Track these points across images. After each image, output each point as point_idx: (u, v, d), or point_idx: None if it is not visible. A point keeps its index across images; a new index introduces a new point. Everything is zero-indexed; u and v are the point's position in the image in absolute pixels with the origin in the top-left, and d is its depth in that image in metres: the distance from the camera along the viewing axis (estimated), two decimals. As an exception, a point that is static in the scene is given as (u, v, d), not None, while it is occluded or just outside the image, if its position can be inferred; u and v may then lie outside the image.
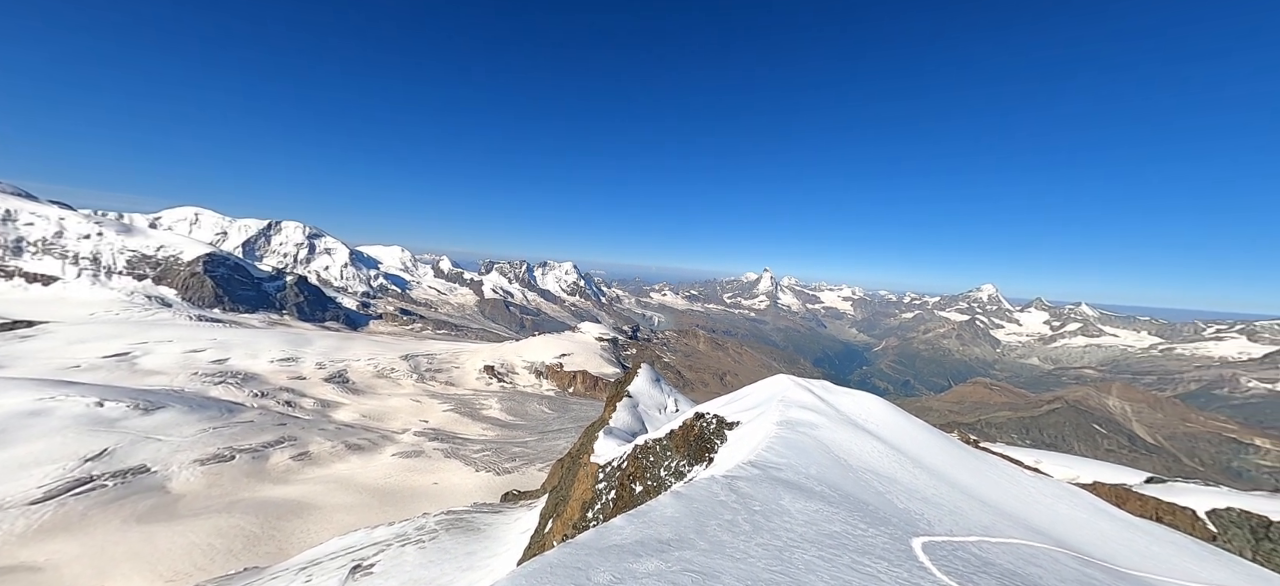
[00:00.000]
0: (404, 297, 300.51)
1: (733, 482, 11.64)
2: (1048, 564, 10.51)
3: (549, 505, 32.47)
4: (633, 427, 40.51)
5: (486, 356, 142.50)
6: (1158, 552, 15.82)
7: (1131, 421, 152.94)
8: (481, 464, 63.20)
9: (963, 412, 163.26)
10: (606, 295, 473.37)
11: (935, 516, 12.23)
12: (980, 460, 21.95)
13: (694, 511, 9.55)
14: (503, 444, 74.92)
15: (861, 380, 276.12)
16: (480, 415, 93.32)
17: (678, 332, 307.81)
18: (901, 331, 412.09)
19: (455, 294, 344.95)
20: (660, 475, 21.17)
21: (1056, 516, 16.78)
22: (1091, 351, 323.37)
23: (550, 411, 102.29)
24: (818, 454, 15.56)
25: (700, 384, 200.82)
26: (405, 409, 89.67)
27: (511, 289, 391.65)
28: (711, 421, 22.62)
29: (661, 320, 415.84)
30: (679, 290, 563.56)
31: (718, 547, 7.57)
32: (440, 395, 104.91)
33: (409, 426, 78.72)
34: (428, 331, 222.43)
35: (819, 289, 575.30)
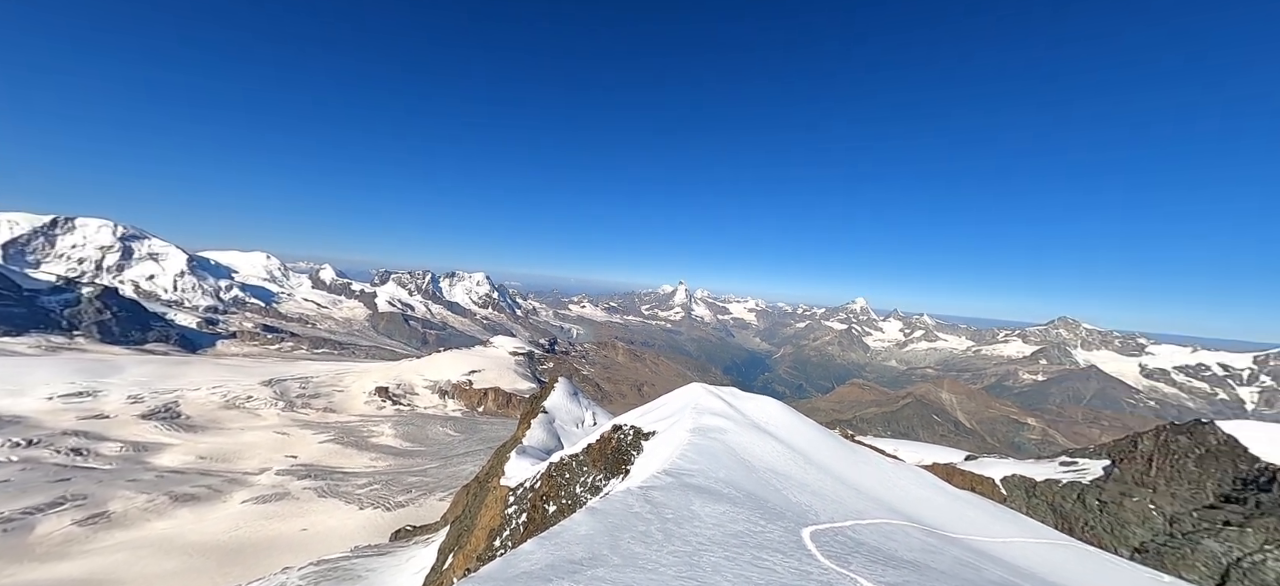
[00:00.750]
0: (269, 312, 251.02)
1: (647, 493, 11.78)
2: (901, 537, 12.51)
3: (450, 537, 29.30)
4: (548, 445, 38.84)
5: (379, 377, 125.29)
6: (972, 517, 19.94)
7: (956, 411, 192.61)
8: (368, 500, 54.81)
9: (843, 411, 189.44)
10: (522, 307, 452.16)
11: (821, 507, 13.79)
12: (855, 452, 25.50)
13: (608, 526, 9.41)
14: (396, 474, 65.93)
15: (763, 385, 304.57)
16: (369, 444, 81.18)
17: (597, 344, 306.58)
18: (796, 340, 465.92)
19: (340, 307, 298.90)
20: (576, 492, 20.55)
21: (908, 495, 20.17)
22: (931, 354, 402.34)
23: (456, 434, 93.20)
24: (726, 458, 16.58)
25: (619, 395, 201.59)
26: (265, 444, 74.14)
27: (413, 302, 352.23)
28: (629, 433, 22.75)
29: (581, 332, 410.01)
30: (598, 302, 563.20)
31: (631, 561, 7.53)
32: (317, 424, 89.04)
33: (270, 465, 65.17)
34: (302, 350, 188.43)
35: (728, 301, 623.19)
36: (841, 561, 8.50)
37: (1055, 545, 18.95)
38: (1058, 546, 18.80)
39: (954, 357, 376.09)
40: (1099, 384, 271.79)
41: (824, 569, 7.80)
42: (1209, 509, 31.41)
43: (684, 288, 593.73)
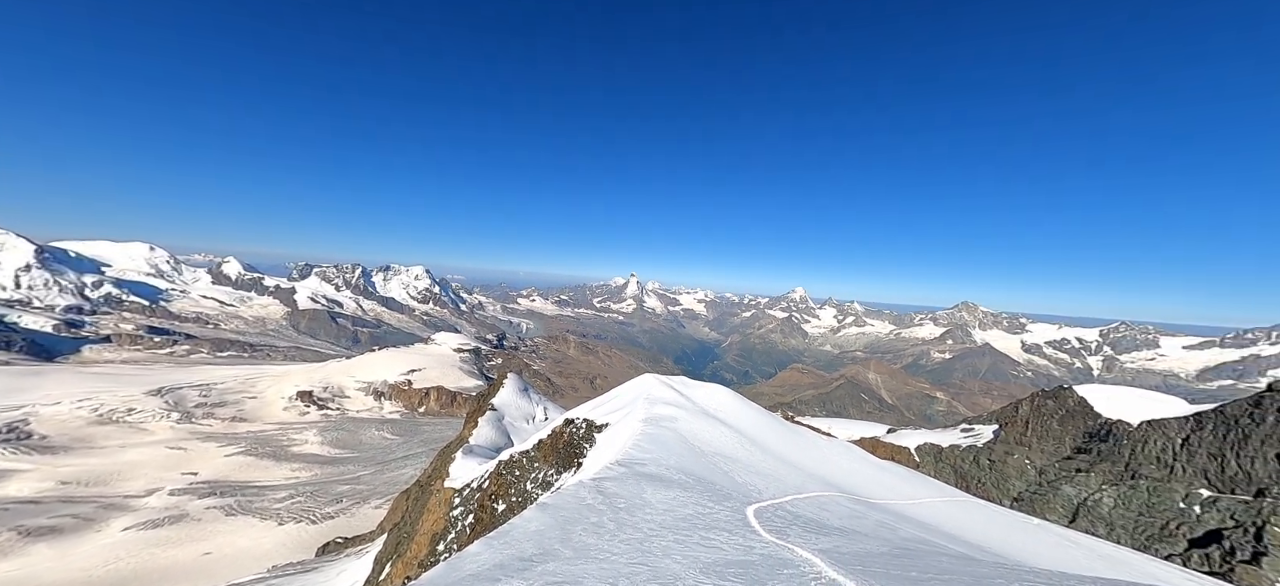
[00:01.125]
0: (156, 312, 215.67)
1: (600, 484, 11.84)
2: (832, 507, 13.75)
3: (387, 546, 27.45)
4: (497, 443, 37.56)
5: (301, 380, 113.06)
6: (891, 483, 22.42)
7: (880, 389, 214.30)
8: (289, 514, 49.64)
9: (784, 394, 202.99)
10: (467, 302, 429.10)
11: (764, 485, 14.73)
12: (795, 433, 27.49)
13: (560, 520, 9.34)
14: (323, 485, 60.19)
15: (712, 373, 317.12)
16: (290, 454, 73.21)
17: (548, 339, 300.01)
18: (742, 328, 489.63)
19: (251, 305, 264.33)
20: (527, 489, 20.13)
21: (840, 469, 22.18)
22: (860, 338, 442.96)
23: (394, 437, 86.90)
24: (677, 445, 17.11)
25: (571, 389, 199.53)
26: (154, 462, 64.20)
27: (341, 298, 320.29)
28: (581, 426, 22.64)
29: (531, 327, 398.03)
30: (548, 295, 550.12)
31: (583, 553, 7.55)
32: (223, 436, 78.53)
33: (160, 485, 56.60)
34: (202, 354, 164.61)
35: (679, 292, 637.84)
36: (781, 534, 9.15)
37: (954, 501, 21.83)
38: (956, 502, 21.68)
39: (879, 341, 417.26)
40: (991, 359, 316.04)
41: (765, 542, 8.35)
42: (1067, 460, 37.90)
43: (635, 280, 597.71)
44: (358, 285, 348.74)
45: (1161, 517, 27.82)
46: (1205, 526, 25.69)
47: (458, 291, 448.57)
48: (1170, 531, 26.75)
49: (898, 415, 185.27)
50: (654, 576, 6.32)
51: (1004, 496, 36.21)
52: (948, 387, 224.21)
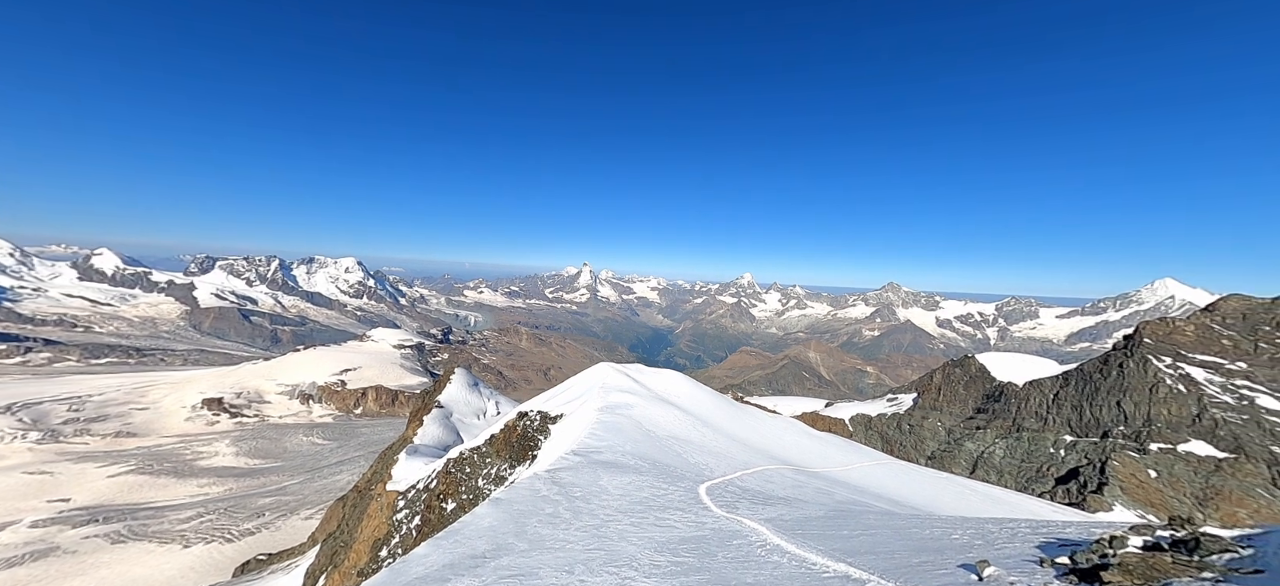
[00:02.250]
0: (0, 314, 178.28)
1: (555, 474, 11.74)
2: (778, 479, 14.76)
3: (321, 558, 25.38)
4: (446, 441, 35.83)
5: (207, 386, 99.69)
6: (830, 453, 24.51)
7: (820, 367, 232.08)
8: (198, 534, 44.14)
9: (734, 376, 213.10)
10: (407, 296, 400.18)
11: (716, 464, 15.44)
12: (744, 412, 29.00)
13: (514, 513, 9.16)
14: (241, 499, 54.02)
15: (667, 359, 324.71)
16: (195, 468, 64.70)
17: (498, 332, 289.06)
18: (694, 315, 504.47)
19: (134, 304, 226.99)
20: (479, 485, 19.47)
21: (784, 443, 23.81)
22: (802, 320, 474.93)
23: (326, 442, 79.77)
24: (632, 431, 17.37)
25: (524, 382, 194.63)
26: (5, 492, 53.76)
27: (254, 293, 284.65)
28: (535, 418, 22.21)
29: (479, 320, 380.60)
30: (498, 287, 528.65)
31: (538, 544, 7.47)
32: (103, 455, 67.47)
33: (17, 517, 47.64)
34: (70, 362, 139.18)
35: (632, 281, 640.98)
36: (730, 508, 9.66)
37: (880, 464, 24.34)
38: (881, 465, 24.18)
39: (819, 322, 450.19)
40: (913, 335, 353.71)
41: (716, 517, 8.78)
42: (969, 420, 43.66)
43: (589, 269, 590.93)
44: (275, 279, 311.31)
45: (1037, 462, 33.11)
46: (1067, 466, 30.98)
47: (396, 284, 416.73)
48: (1043, 472, 31.93)
49: (835, 390, 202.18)
50: (610, 560, 6.42)
51: (920, 456, 41.06)
52: (877, 362, 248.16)
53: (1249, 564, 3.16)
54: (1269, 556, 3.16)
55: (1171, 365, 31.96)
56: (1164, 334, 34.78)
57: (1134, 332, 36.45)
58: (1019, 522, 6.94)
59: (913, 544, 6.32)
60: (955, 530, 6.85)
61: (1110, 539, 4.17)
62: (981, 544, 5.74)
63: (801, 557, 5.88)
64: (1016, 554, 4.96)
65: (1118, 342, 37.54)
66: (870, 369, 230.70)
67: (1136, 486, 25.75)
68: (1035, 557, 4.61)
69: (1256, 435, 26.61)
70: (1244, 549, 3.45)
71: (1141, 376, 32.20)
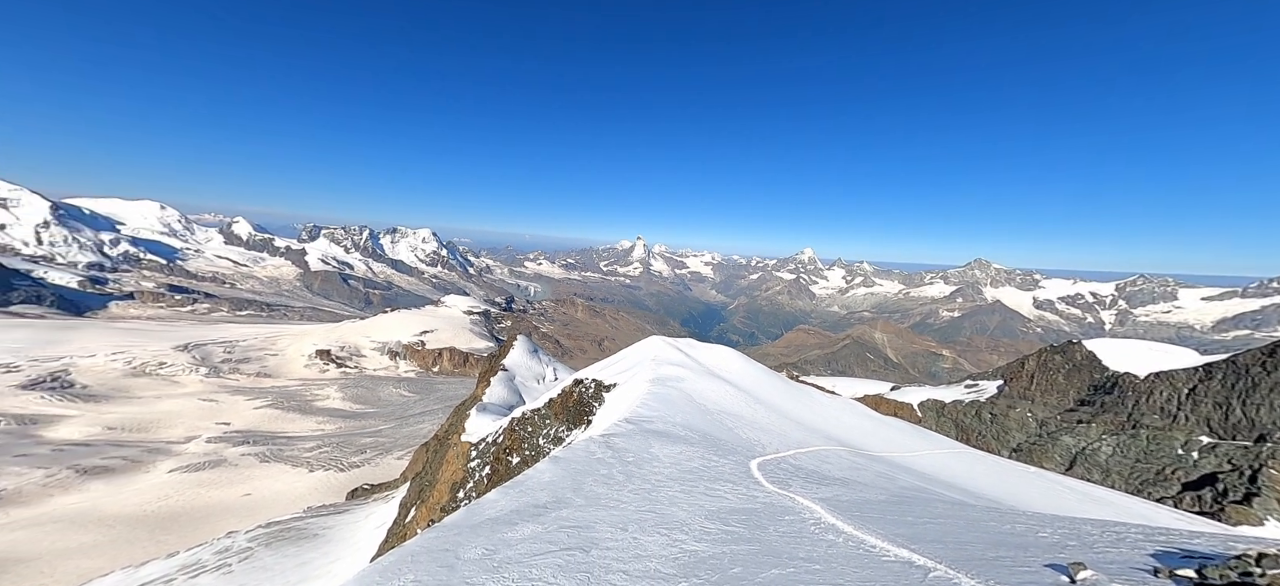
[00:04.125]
0: (173, 270, 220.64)
1: (609, 439, 12.34)
2: (834, 461, 14.23)
3: (412, 493, 29.38)
4: (509, 401, 39.02)
5: (319, 339, 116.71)
6: (893, 438, 23.04)
7: (886, 348, 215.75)
8: (318, 462, 52.95)
9: (790, 355, 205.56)
10: (475, 265, 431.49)
11: (768, 440, 15.22)
12: (799, 391, 28.05)
13: (571, 472, 9.84)
14: (347, 437, 63.74)
15: (719, 335, 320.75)
16: (314, 408, 77.00)
17: (555, 302, 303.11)
18: (749, 291, 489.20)
19: (263, 265, 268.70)
20: (539, 444, 21.09)
21: (841, 424, 22.77)
22: (869, 298, 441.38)
23: (411, 394, 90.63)
24: (683, 404, 17.60)
25: (579, 351, 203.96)
26: (189, 412, 68.07)
27: (351, 259, 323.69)
28: (590, 386, 23.31)
29: (538, 290, 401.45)
30: (555, 259, 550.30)
31: (594, 501, 7.99)
32: (250, 390, 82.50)
33: (198, 433, 60.32)
34: (222, 312, 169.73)
35: (685, 255, 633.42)
36: (783, 484, 9.55)
37: (953, 453, 22.44)
38: (955, 454, 22.29)
39: (888, 301, 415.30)
40: (1001, 316, 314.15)
41: (768, 492, 8.73)
42: (1069, 411, 38.43)
43: (642, 243, 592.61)
44: (367, 247, 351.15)
45: (1158, 463, 28.48)
46: (1201, 471, 26.30)
47: (465, 254, 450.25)
48: (1165, 476, 27.46)
49: (902, 373, 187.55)
50: (661, 522, 6.70)
51: (1003, 447, 37.17)
52: (954, 345, 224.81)
53: None
54: None
55: (1370, 363, 25.35)
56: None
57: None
58: (1127, 526, 6.08)
59: (989, 536, 5.83)
60: (1043, 527, 6.19)
61: (1259, 556, 3.51)
62: (1075, 544, 5.12)
63: (859, 539, 5.69)
64: (1122, 560, 4.37)
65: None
66: (946, 352, 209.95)
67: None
68: (1147, 566, 4.02)
69: None
70: None
71: (1321, 374, 25.97)
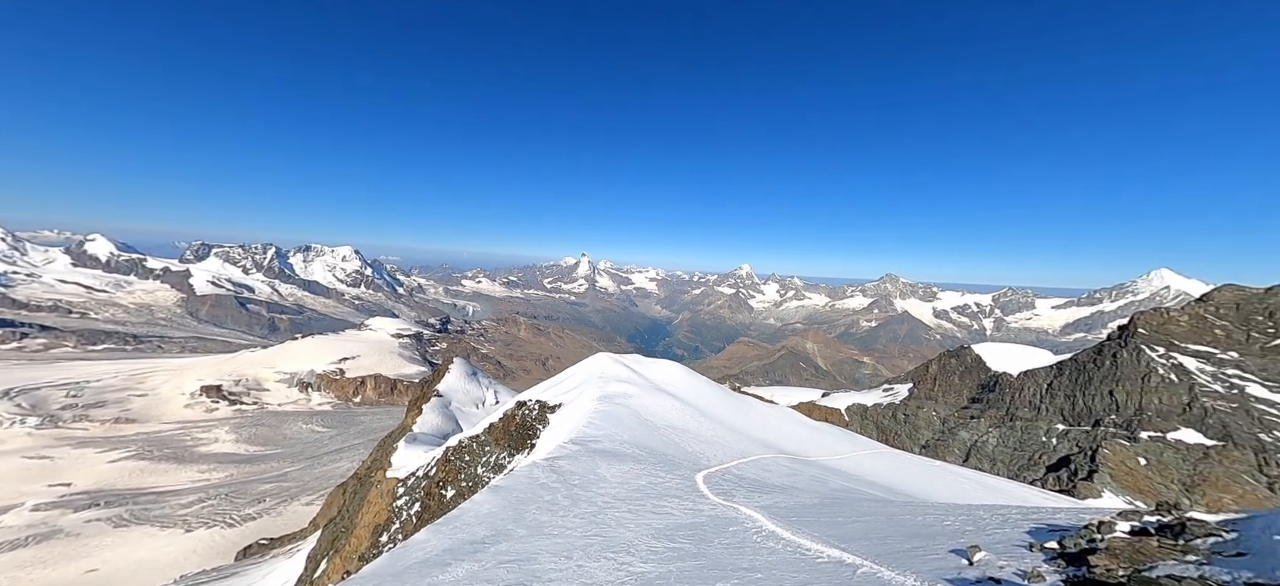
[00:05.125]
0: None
1: (554, 463, 11.85)
2: (774, 468, 14.94)
3: (323, 542, 25.72)
4: (444, 429, 36.08)
5: (206, 373, 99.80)
6: (825, 442, 24.79)
7: (817, 357, 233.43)
8: (200, 519, 44.62)
9: (732, 367, 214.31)
10: (405, 285, 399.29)
11: (712, 452, 15.60)
12: (741, 402, 29.23)
13: (513, 501, 9.26)
14: (241, 485, 54.49)
15: (665, 350, 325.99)
16: (196, 455, 65.09)
17: (496, 321, 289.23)
18: (693, 305, 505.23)
19: (130, 290, 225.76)
20: (478, 473, 19.66)
21: (779, 432, 24.05)
22: (800, 311, 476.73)
23: (326, 429, 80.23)
24: (630, 421, 17.50)
25: (522, 372, 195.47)
26: (9, 475, 54.07)
27: (251, 281, 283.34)
28: (534, 407, 22.34)
29: (477, 309, 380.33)
30: (496, 276, 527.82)
31: (537, 530, 7.57)
32: (103, 440, 67.74)
33: (20, 500, 47.99)
34: (67, 348, 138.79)
35: (631, 271, 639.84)
36: (727, 495, 9.79)
37: (875, 453, 24.64)
38: (876, 454, 24.49)
39: (817, 313, 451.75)
40: (909, 325, 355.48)
41: (713, 504, 8.90)
42: (963, 409, 44.11)
43: (587, 259, 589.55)
44: (272, 268, 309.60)
45: (1030, 450, 33.59)
46: (1059, 454, 31.45)
47: (393, 273, 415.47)
48: (1035, 460, 32.42)
49: (831, 380, 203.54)
50: (608, 546, 6.52)
51: (915, 445, 41.58)
52: (873, 352, 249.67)
53: (1232, 547, 3.23)
54: (1252, 540, 3.23)
55: (1164, 355, 32.31)
56: (1158, 324, 35.06)
57: (1128, 323, 36.72)
58: (1010, 509, 7.07)
59: (905, 530, 6.44)
60: (947, 517, 6.97)
61: (1098, 524, 4.25)
62: (973, 529, 5.84)
63: (796, 543, 5.98)
64: (1007, 539, 5.06)
65: (1112, 333, 37.85)
66: (867, 359, 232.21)
67: (1126, 473, 26.21)
68: (1025, 542, 4.70)
69: (1244, 423, 27.04)
70: (1228, 533, 3.52)
71: (1134, 366, 32.56)
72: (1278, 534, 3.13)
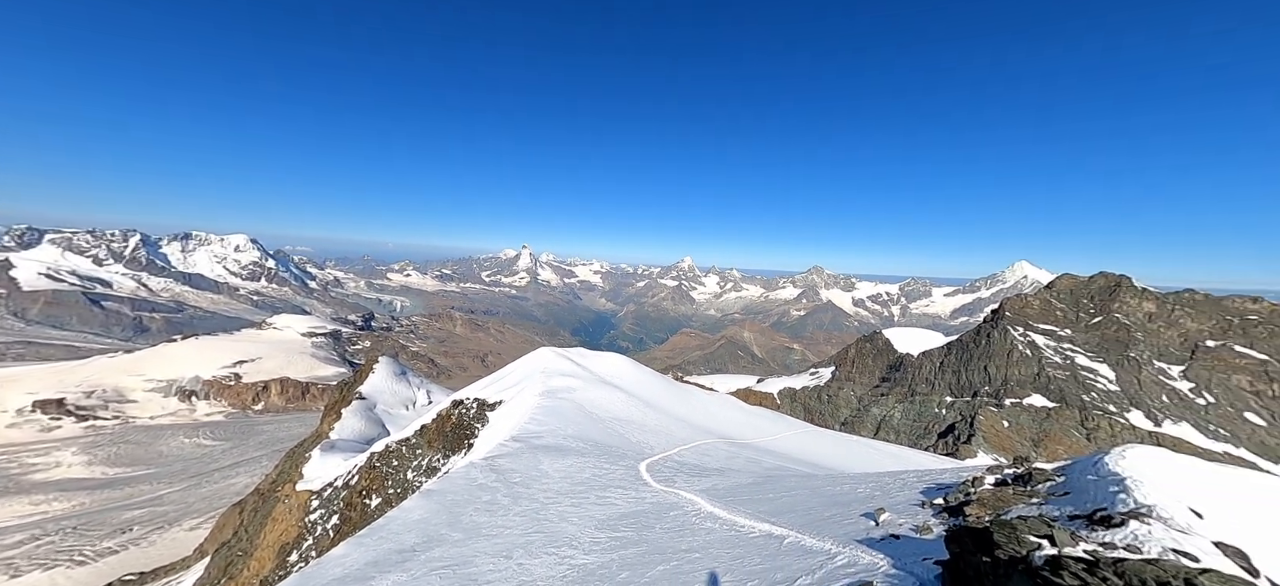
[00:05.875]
0: None
1: (494, 461, 11.38)
2: (713, 452, 15.71)
3: (213, 570, 22.39)
4: (368, 434, 32.94)
5: (41, 385, 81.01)
6: (759, 424, 26.59)
7: (753, 346, 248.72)
8: (33, 560, 36.52)
9: (675, 357, 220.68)
10: (318, 278, 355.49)
11: (656, 441, 16.00)
12: (683, 391, 30.26)
13: (447, 504, 8.75)
14: (96, 514, 45.33)
15: (610, 343, 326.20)
16: (28, 484, 52.91)
17: (429, 317, 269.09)
18: (637, 298, 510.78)
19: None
20: (408, 478, 18.27)
21: (719, 418, 25.34)
22: (738, 302, 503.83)
23: (215, 443, 69.30)
24: (574, 415, 17.31)
25: (459, 370, 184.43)
26: None
27: (107, 274, 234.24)
28: (471, 406, 21.20)
29: (407, 304, 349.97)
30: (428, 270, 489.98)
31: (474, 532, 7.24)
32: (-117, 476, 52.26)
33: None
34: None
35: (575, 264, 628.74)
36: (669, 482, 10.11)
37: (803, 432, 26.94)
38: (804, 433, 26.79)
39: (753, 303, 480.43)
40: (833, 314, 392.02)
41: (655, 492, 9.14)
42: (875, 388, 49.69)
43: (528, 252, 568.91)
44: (137, 258, 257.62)
45: (926, 420, 38.85)
46: (947, 422, 36.77)
47: (303, 266, 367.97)
48: (930, 429, 37.57)
49: (766, 367, 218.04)
50: (550, 541, 6.42)
51: (835, 422, 46.14)
52: (802, 339, 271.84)
53: (1061, 489, 4.02)
54: (1073, 481, 4.04)
55: (1023, 334, 39.06)
56: (1019, 308, 42.25)
57: (998, 308, 43.81)
58: (909, 473, 8.13)
59: (826, 500, 7.13)
60: (860, 485, 7.85)
61: (972, 480, 5.04)
62: (880, 494, 6.64)
63: (732, 522, 6.37)
64: (905, 500, 5.82)
65: (987, 317, 44.96)
66: (796, 346, 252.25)
67: (995, 435, 31.41)
68: (919, 501, 5.45)
69: (1073, 388, 33.69)
70: (1059, 478, 4.38)
71: (1002, 344, 38.98)
72: (1089, 474, 3.96)
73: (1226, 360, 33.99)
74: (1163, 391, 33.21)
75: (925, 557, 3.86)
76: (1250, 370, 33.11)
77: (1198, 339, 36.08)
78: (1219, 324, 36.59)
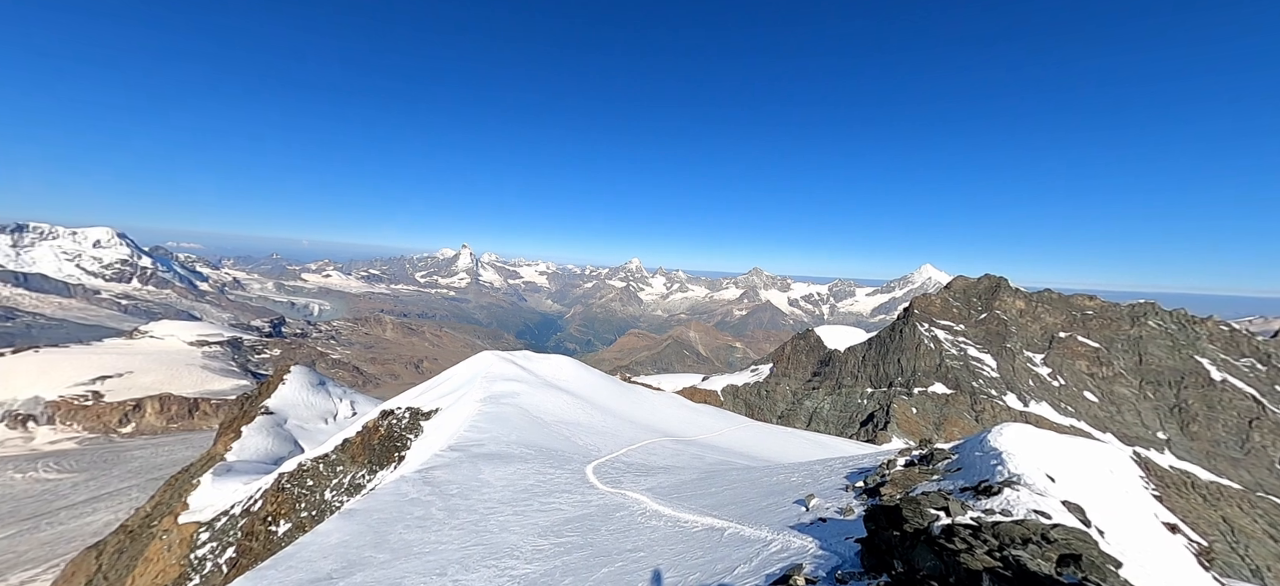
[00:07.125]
0: None
1: (428, 474, 10.60)
2: (659, 451, 15.97)
3: (73, 638, 18.42)
4: (276, 453, 29.09)
5: None
6: (704, 422, 27.52)
7: (698, 345, 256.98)
8: None
9: (623, 358, 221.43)
10: (211, 279, 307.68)
11: (603, 443, 15.90)
12: (631, 392, 30.41)
13: (372, 523, 8.00)
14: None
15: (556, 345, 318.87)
16: None
17: (354, 321, 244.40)
18: (585, 299, 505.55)
19: None
20: (325, 499, 16.41)
21: (665, 416, 25.82)
22: (685, 302, 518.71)
23: (62, 475, 57.24)
24: (518, 420, 16.67)
25: (390, 378, 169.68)
26: None
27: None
28: (403, 416, 19.56)
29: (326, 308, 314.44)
30: (351, 270, 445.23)
31: (403, 552, 6.69)
32: None
33: None
34: None
35: (519, 265, 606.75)
36: (615, 483, 10.10)
37: (744, 427, 28.32)
38: (744, 427, 28.19)
39: (699, 304, 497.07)
40: (771, 313, 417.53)
41: (602, 494, 9.08)
42: (808, 382, 53.56)
43: (469, 251, 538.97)
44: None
45: (851, 411, 42.71)
46: (867, 411, 40.74)
47: (191, 265, 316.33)
48: (854, 419, 41.36)
49: (711, 365, 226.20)
50: (489, 553, 6.12)
51: (773, 416, 49.13)
52: (744, 338, 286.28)
53: (955, 465, 4.63)
54: (964, 458, 4.67)
55: (928, 329, 44.44)
56: (924, 307, 47.99)
57: (908, 307, 49.45)
58: (836, 461, 8.87)
59: (763, 490, 7.56)
60: (794, 474, 8.41)
61: (887, 463, 5.62)
62: (810, 482, 7.17)
63: (676, 518, 6.51)
64: (832, 485, 6.34)
65: (899, 315, 50.58)
66: (738, 345, 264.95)
67: (906, 421, 35.38)
68: (843, 485, 5.97)
69: (966, 376, 39.02)
70: (954, 455, 5.03)
71: (912, 339, 44.05)
72: (976, 451, 4.60)
73: (1072, 348, 41.39)
74: (1030, 376, 39.60)
75: (847, 536, 4.25)
76: (1088, 356, 40.62)
77: (1053, 331, 43.54)
78: (1068, 318, 44.45)
